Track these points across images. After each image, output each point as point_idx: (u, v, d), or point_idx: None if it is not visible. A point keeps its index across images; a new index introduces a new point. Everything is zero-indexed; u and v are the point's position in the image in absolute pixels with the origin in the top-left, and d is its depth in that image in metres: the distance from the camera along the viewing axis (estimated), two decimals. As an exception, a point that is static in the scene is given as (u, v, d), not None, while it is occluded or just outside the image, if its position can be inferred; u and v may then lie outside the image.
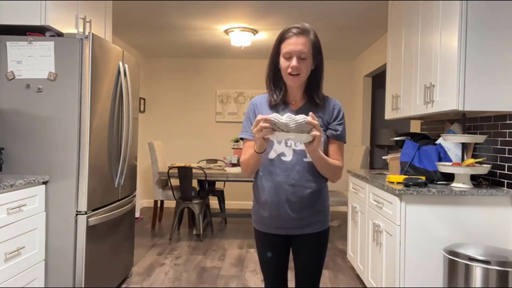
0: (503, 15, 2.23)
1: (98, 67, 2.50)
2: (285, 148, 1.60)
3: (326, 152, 1.64)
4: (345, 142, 1.66)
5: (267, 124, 1.36)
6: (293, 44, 1.53)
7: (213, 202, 6.27)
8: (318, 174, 1.61)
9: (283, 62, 1.57)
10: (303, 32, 1.55)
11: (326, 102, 1.66)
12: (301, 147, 1.58)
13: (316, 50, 1.58)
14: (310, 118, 1.37)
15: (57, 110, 2.40)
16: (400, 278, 2.29)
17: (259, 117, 1.38)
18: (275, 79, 1.64)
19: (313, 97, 1.62)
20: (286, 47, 1.55)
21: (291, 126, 1.36)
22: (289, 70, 1.55)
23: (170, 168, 4.53)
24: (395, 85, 3.29)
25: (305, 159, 1.59)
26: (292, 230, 1.65)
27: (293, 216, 1.61)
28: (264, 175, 1.64)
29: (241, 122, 6.33)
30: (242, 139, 1.69)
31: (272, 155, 1.60)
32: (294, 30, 1.55)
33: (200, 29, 4.65)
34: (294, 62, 1.53)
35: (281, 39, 1.58)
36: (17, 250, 2.10)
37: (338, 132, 1.63)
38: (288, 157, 1.59)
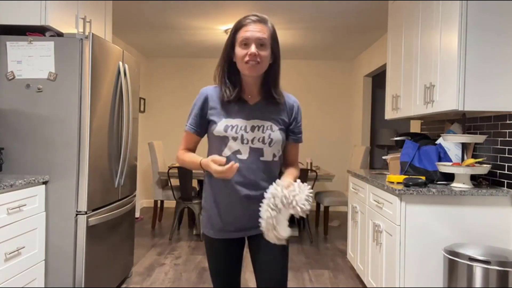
0: (503, 15, 2.23)
1: (98, 67, 2.50)
2: (241, 145, 1.48)
3: (285, 152, 1.60)
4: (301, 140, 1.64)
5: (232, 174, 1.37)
6: (251, 30, 1.42)
7: (213, 202, 6.26)
8: (272, 175, 1.54)
9: (239, 51, 1.44)
10: (261, 20, 1.45)
11: (284, 98, 1.57)
12: (258, 145, 1.49)
13: (274, 41, 1.48)
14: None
15: (57, 110, 2.40)
16: (400, 278, 2.29)
17: (235, 166, 1.37)
18: (229, 73, 1.51)
19: (271, 92, 1.52)
20: (243, 34, 1.43)
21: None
22: (247, 58, 1.42)
23: (170, 168, 4.53)
24: (395, 85, 3.29)
25: (261, 158, 1.50)
26: (249, 231, 1.55)
27: (248, 216, 1.52)
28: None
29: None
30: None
31: (226, 152, 1.49)
32: (252, 18, 1.45)
33: (200, 29, 4.65)
34: (252, 48, 1.41)
35: (237, 27, 1.46)
36: (17, 250, 2.10)
37: (300, 135, 1.61)
38: (244, 155, 1.48)
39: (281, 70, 1.55)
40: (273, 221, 1.34)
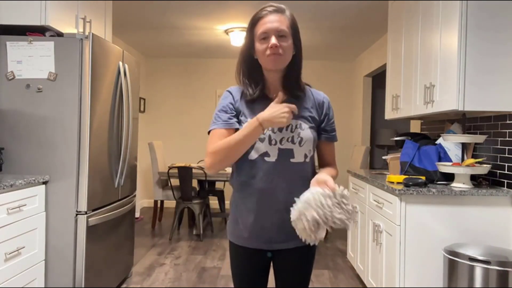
0: (503, 15, 2.23)
1: (98, 67, 2.50)
2: (269, 146, 1.35)
3: (319, 152, 1.50)
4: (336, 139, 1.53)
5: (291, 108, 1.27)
6: (269, 22, 1.33)
7: (213, 202, 6.27)
8: (305, 178, 1.40)
9: (259, 46, 1.35)
10: (278, 10, 1.36)
11: (310, 93, 1.48)
12: (287, 145, 1.36)
13: (295, 31, 1.39)
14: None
15: (57, 110, 2.40)
16: (400, 278, 2.29)
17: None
18: (251, 70, 1.41)
19: (295, 87, 1.43)
20: (261, 27, 1.34)
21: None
22: (268, 51, 1.32)
23: (170, 168, 4.53)
24: (395, 85, 3.29)
25: (292, 160, 1.37)
26: (276, 244, 1.42)
27: (277, 227, 1.39)
28: (243, 180, 1.40)
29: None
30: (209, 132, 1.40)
31: (253, 155, 1.36)
32: (269, 9, 1.36)
33: (200, 29, 4.65)
34: (273, 40, 1.31)
35: (254, 21, 1.37)
36: (17, 250, 2.10)
37: (334, 133, 1.49)
38: (273, 158, 1.36)
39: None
40: (311, 232, 1.20)
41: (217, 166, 1.31)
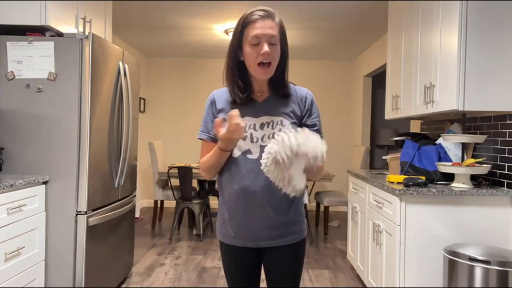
0: (503, 15, 2.23)
1: (98, 67, 2.50)
2: (251, 144, 1.38)
3: None
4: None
5: (242, 124, 1.25)
6: (261, 27, 1.32)
7: (213, 202, 6.27)
8: None
9: (249, 51, 1.34)
10: (269, 15, 1.35)
11: (294, 91, 1.47)
12: (268, 142, 1.37)
13: (283, 36, 1.39)
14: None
15: (57, 110, 2.40)
16: (400, 278, 2.29)
17: (234, 112, 1.25)
18: (238, 72, 1.42)
19: (280, 87, 1.44)
20: (253, 31, 1.33)
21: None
22: (260, 58, 1.33)
23: (170, 168, 4.53)
24: (395, 85, 3.29)
25: None
26: (263, 242, 1.43)
27: (262, 225, 1.40)
28: (227, 178, 1.43)
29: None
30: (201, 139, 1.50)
31: (236, 153, 1.39)
32: (260, 13, 1.34)
33: (200, 29, 4.65)
34: (265, 47, 1.32)
35: (244, 24, 1.36)
36: (17, 250, 2.10)
37: (317, 128, 1.46)
38: (255, 155, 1.37)
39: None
40: (287, 178, 1.17)
41: (207, 176, 1.45)
